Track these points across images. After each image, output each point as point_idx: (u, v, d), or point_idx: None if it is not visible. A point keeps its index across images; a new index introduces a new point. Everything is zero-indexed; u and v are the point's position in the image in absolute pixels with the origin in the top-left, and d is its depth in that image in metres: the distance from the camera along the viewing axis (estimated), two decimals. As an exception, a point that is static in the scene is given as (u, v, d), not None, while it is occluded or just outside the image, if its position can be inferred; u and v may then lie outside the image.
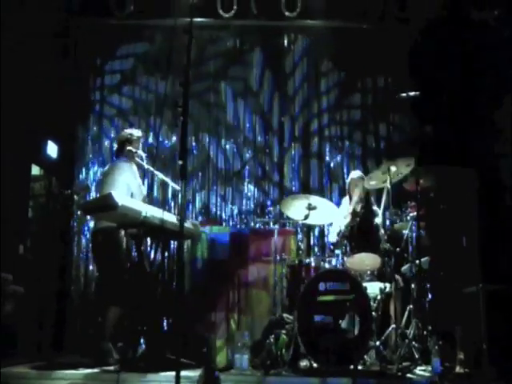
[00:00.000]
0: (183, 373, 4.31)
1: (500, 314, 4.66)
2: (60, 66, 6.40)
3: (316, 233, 6.68)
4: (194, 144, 6.81)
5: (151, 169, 4.97)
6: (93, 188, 6.61)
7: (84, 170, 6.69)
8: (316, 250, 6.56)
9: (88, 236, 6.44)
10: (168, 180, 5.04)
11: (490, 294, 4.71)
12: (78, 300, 6.39)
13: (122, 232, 4.85)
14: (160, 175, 4.97)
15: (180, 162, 2.83)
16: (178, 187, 5.09)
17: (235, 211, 6.78)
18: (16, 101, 5.49)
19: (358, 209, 5.50)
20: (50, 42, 6.24)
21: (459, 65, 6.17)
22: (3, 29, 5.26)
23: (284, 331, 4.68)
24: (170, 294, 5.47)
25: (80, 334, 6.12)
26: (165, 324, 5.36)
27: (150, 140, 6.74)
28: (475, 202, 5.16)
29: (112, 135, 6.78)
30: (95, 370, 4.40)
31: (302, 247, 6.16)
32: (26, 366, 4.56)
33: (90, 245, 5.67)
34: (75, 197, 5.59)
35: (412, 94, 4.86)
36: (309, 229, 6.53)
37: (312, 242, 6.63)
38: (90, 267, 6.46)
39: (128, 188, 4.84)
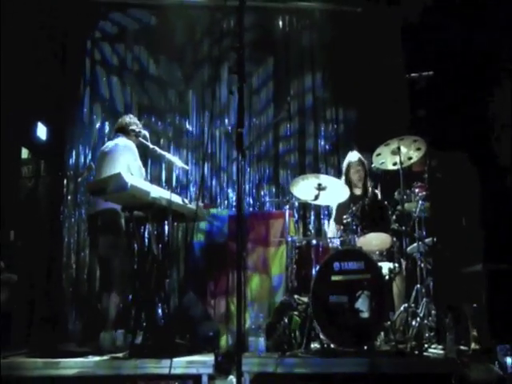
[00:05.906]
0: (196, 357, 4.29)
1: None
2: (50, 45, 6.11)
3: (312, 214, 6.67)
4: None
5: (156, 148, 4.77)
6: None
7: (74, 152, 6.41)
8: (312, 230, 6.51)
9: (78, 221, 6.24)
10: (175, 159, 4.85)
11: (492, 272, 4.80)
12: (70, 287, 6.15)
13: (122, 214, 4.69)
14: (167, 155, 4.78)
15: (240, 130, 2.67)
16: (186, 167, 4.94)
17: (231, 195, 6.65)
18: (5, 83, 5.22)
19: (359, 192, 5.48)
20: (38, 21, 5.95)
21: (456, 47, 6.13)
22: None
23: (296, 313, 4.62)
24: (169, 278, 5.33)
25: (73, 322, 5.91)
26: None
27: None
28: (477, 184, 5.21)
29: (103, 117, 6.57)
30: (104, 358, 4.24)
31: (302, 228, 6.12)
32: (25, 356, 4.36)
33: (88, 229, 5.44)
34: (79, 179, 5.32)
35: (425, 73, 4.75)
36: (304, 210, 6.53)
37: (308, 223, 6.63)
38: (82, 253, 6.23)
39: (128, 169, 4.63)
